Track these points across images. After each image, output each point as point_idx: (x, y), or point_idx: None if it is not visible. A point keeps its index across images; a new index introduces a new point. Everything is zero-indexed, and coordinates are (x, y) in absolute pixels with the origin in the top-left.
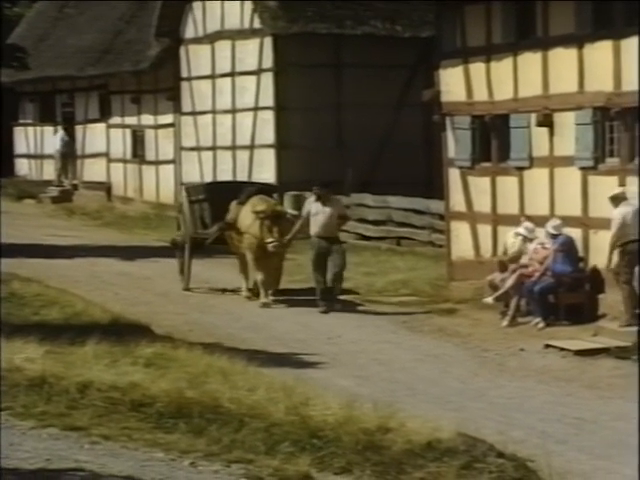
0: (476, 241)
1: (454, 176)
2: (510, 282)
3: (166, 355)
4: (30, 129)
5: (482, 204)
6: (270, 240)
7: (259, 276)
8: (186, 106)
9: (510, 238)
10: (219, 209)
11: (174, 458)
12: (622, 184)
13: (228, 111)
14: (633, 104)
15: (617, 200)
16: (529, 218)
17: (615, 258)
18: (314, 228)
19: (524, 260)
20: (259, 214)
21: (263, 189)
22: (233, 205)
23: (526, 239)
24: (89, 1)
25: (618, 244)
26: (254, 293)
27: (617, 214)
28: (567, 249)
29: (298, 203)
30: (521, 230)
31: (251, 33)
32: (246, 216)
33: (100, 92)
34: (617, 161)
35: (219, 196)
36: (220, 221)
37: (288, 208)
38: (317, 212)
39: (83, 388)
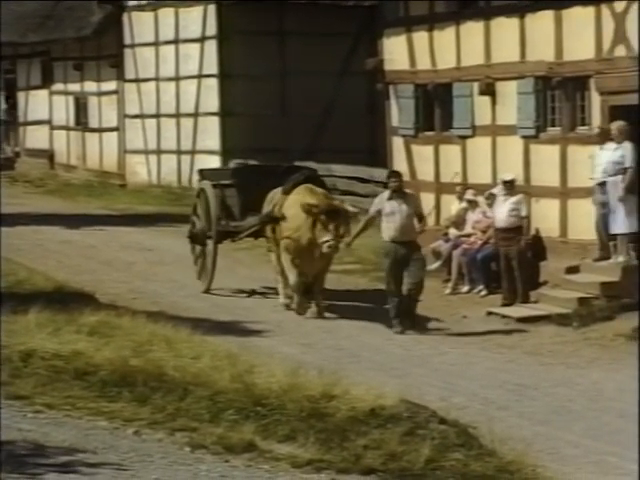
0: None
1: (398, 144)
2: (452, 250)
3: (110, 323)
4: None
5: (425, 172)
6: (326, 239)
7: (292, 277)
8: (129, 73)
9: (456, 206)
10: (249, 197)
11: (118, 427)
12: (563, 153)
13: (172, 79)
14: (574, 73)
15: (511, 184)
16: (466, 187)
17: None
18: (389, 231)
19: (467, 229)
20: (312, 208)
21: (310, 176)
22: (275, 194)
23: (472, 203)
24: None
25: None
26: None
27: (521, 197)
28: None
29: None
30: (468, 196)
31: (194, 0)
32: (291, 209)
33: (42, 59)
34: (558, 130)
35: (250, 182)
36: (252, 211)
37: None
38: (392, 211)
39: (26, 357)
